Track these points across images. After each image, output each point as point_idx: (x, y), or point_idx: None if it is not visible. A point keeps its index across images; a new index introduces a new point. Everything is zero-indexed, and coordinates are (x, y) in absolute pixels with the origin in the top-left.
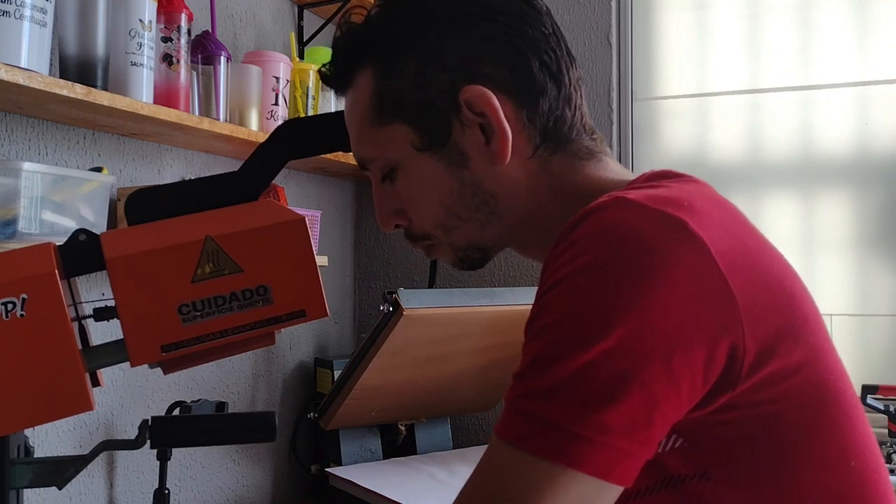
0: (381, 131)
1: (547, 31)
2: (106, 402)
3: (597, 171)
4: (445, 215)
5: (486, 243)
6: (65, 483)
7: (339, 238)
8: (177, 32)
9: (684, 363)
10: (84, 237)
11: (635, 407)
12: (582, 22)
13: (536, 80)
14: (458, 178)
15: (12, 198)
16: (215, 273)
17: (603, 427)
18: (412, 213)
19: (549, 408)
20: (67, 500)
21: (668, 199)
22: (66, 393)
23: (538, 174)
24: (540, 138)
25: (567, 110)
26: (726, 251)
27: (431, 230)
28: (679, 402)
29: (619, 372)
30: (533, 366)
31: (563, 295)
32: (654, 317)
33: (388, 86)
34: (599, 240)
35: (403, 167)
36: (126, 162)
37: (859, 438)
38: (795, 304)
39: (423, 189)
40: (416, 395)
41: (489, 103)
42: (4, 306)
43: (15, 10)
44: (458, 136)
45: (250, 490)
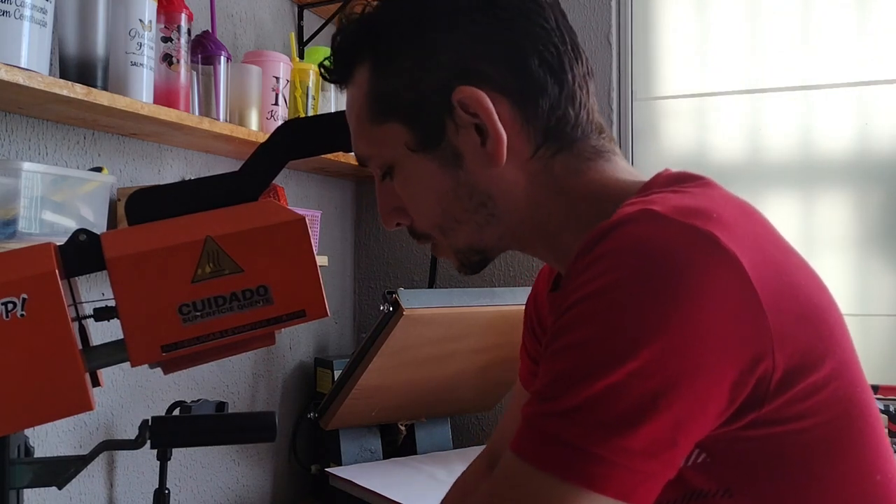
0: (377, 129)
1: (549, 26)
2: (106, 402)
3: (605, 171)
4: (442, 216)
5: (484, 245)
6: (65, 483)
7: (339, 238)
8: (177, 32)
9: (712, 385)
10: (84, 237)
11: (660, 429)
12: (582, 22)
13: (536, 78)
14: (454, 178)
15: (12, 198)
16: (215, 273)
17: (626, 450)
18: (411, 213)
19: (571, 429)
20: (67, 500)
21: (697, 210)
22: (66, 393)
23: (539, 176)
24: (541, 138)
25: (570, 109)
26: (756, 265)
27: (430, 230)
28: (705, 422)
29: (645, 395)
30: (557, 385)
31: (589, 313)
32: (683, 338)
33: (384, 84)
34: (627, 256)
35: (400, 166)
36: (126, 162)
37: (883, 451)
38: (824, 316)
39: (418, 189)
40: (416, 395)
41: (482, 105)
42: (4, 306)
43: (15, 9)
44: (453, 137)
45: (250, 490)
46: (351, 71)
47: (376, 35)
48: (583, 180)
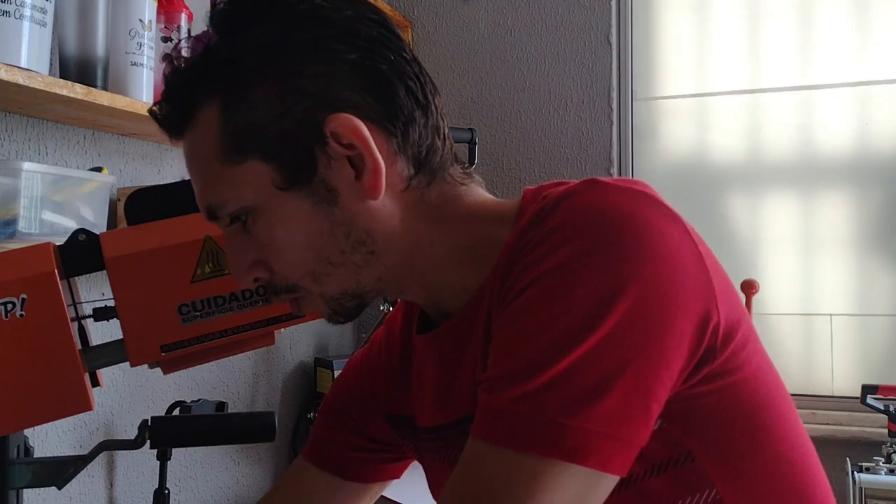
0: (233, 171)
1: (408, 57)
2: (106, 402)
3: (478, 195)
4: (315, 260)
5: (362, 288)
6: (64, 483)
7: None
8: (177, 32)
9: (676, 341)
10: (84, 237)
11: (632, 394)
12: (582, 22)
13: (404, 106)
14: (328, 216)
15: (12, 198)
16: (215, 273)
17: (602, 419)
18: (274, 263)
19: (545, 408)
20: (67, 500)
21: (631, 182)
22: (66, 393)
23: (416, 206)
24: (413, 169)
25: (437, 139)
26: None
27: (298, 280)
28: (671, 382)
29: (614, 362)
30: (529, 367)
31: (551, 289)
32: (646, 299)
33: (239, 119)
34: (581, 225)
35: (262, 210)
36: (126, 162)
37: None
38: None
39: (287, 233)
40: None
41: (358, 133)
42: (4, 306)
43: (15, 9)
44: (325, 171)
45: (250, 490)
46: (192, 113)
47: (224, 71)
48: (461, 204)
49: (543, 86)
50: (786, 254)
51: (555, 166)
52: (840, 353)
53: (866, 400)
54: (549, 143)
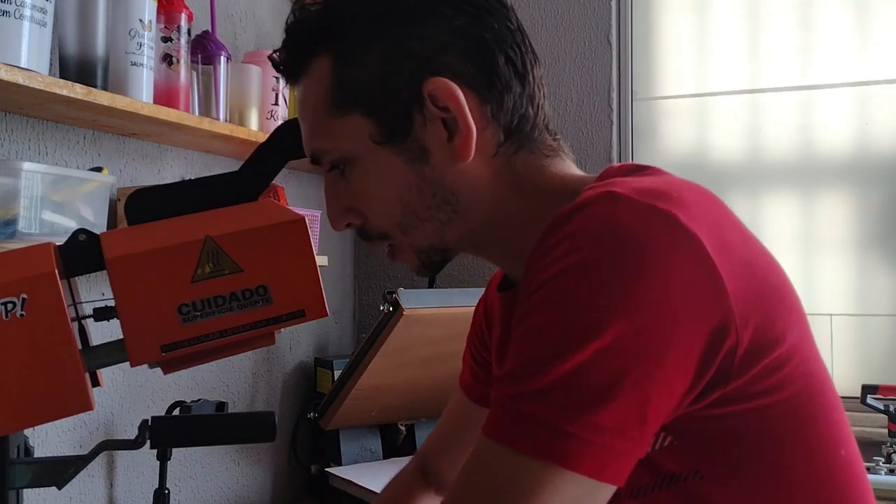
0: (337, 122)
1: (512, 27)
2: (106, 402)
3: (561, 168)
4: (403, 213)
5: (446, 244)
6: (65, 483)
7: (339, 238)
8: (177, 32)
9: (679, 360)
10: (84, 237)
11: (630, 406)
12: (582, 22)
13: (502, 75)
14: (419, 174)
15: (12, 198)
16: (215, 273)
17: (597, 427)
18: (367, 211)
19: (542, 408)
20: (67, 500)
21: (656, 191)
22: (66, 393)
23: (501, 172)
24: (503, 136)
25: (530, 108)
26: (715, 244)
27: (389, 229)
28: (673, 398)
29: (614, 372)
30: (526, 366)
31: (555, 293)
32: (648, 314)
33: (348, 75)
34: (590, 237)
35: (360, 161)
36: (126, 162)
37: (844, 427)
38: (780, 296)
39: (380, 185)
40: (416, 394)
41: (454, 97)
42: (4, 306)
43: (15, 9)
44: (420, 130)
45: (250, 490)
46: (307, 63)
47: (340, 26)
48: (544, 176)
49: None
50: (786, 253)
51: None
52: (840, 353)
53: (866, 400)
54: None
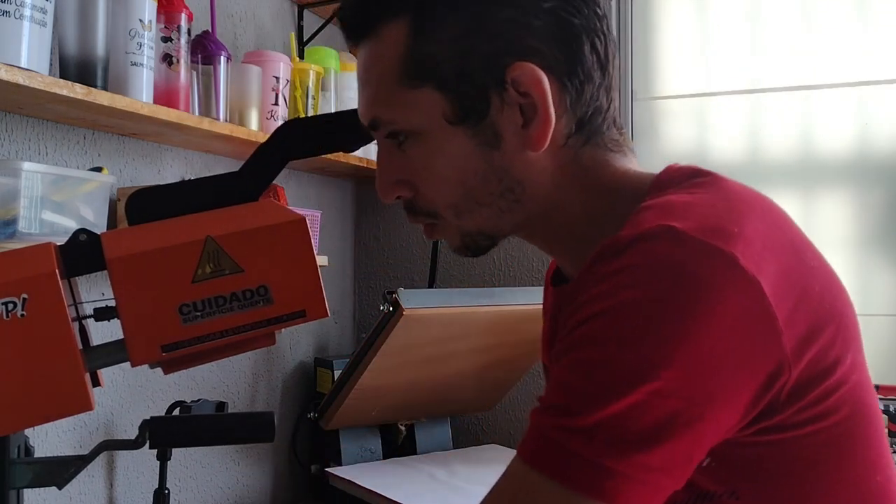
0: (407, 94)
1: (600, 13)
2: (106, 402)
3: (623, 165)
4: (462, 196)
5: (498, 231)
6: (65, 483)
7: (339, 238)
8: (177, 32)
9: (730, 402)
10: (84, 237)
11: (678, 447)
12: None
13: (586, 64)
14: (487, 159)
15: (12, 198)
16: (216, 273)
17: (645, 466)
18: (423, 188)
19: (591, 447)
20: (67, 500)
21: (717, 227)
22: (67, 393)
23: (567, 164)
24: (575, 126)
25: (605, 100)
26: (776, 282)
27: (441, 210)
28: (719, 434)
29: (664, 414)
30: (576, 400)
31: (609, 330)
32: (702, 359)
33: (426, 46)
34: (646, 275)
35: (426, 137)
36: (126, 162)
37: (884, 452)
38: (840, 320)
39: (444, 165)
40: (416, 395)
41: (539, 85)
42: (5, 306)
43: (15, 9)
44: (496, 114)
45: (250, 490)
46: (379, 26)
47: None
48: (607, 172)
49: None
50: None
51: None
52: None
53: None
54: None
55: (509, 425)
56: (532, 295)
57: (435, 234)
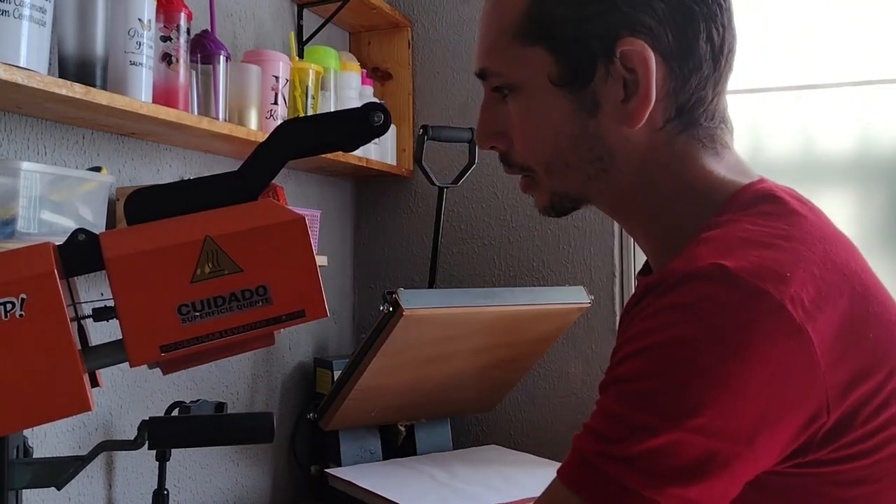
0: (520, 50)
1: (723, 4)
2: (105, 403)
3: (712, 164)
4: (554, 156)
5: (583, 196)
6: (64, 483)
7: (339, 238)
8: (176, 32)
9: (768, 443)
10: (83, 237)
11: (716, 483)
12: None
13: (698, 54)
14: (582, 125)
15: (11, 197)
16: (215, 273)
17: (682, 499)
18: (518, 142)
19: (631, 475)
20: (66, 500)
21: (771, 272)
22: (65, 393)
23: (659, 148)
24: (674, 112)
25: (710, 92)
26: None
27: (533, 165)
28: (756, 471)
29: (704, 451)
30: (619, 428)
31: (655, 363)
32: (745, 401)
33: (546, 7)
34: (697, 315)
35: (529, 94)
36: (125, 161)
37: None
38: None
39: (541, 123)
40: (415, 395)
41: (645, 64)
42: (3, 306)
43: (14, 9)
44: (599, 84)
45: (249, 491)
46: None
47: None
48: (693, 167)
49: None
50: None
51: None
52: None
53: None
54: None
55: (509, 426)
56: (532, 295)
57: (529, 188)
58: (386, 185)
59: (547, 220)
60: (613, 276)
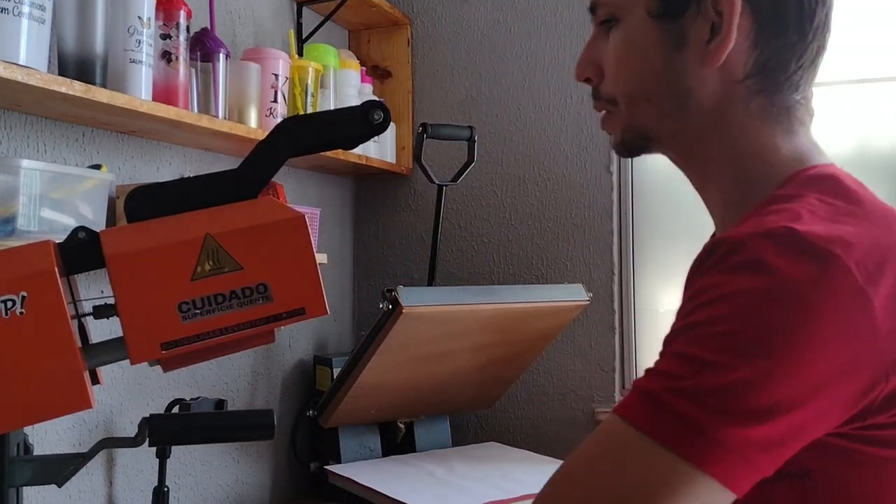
0: None
1: None
2: (105, 400)
3: (785, 136)
4: (637, 86)
5: (655, 134)
6: (65, 481)
7: (339, 236)
8: (176, 29)
9: (830, 399)
10: (84, 235)
11: (777, 430)
12: (581, 18)
13: (785, 17)
14: (667, 60)
15: (11, 195)
16: (215, 271)
17: (745, 440)
18: (608, 72)
19: (697, 410)
20: (66, 497)
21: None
22: (66, 391)
23: (735, 101)
24: (756, 70)
25: (793, 62)
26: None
27: (618, 96)
28: (817, 431)
29: (771, 396)
30: (688, 366)
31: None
32: (811, 353)
33: None
34: (769, 270)
35: (625, 24)
36: (125, 159)
37: None
38: None
39: (630, 52)
40: (415, 392)
41: (731, 5)
42: (4, 304)
43: (13, 7)
44: (689, 21)
45: (250, 487)
46: None
47: None
48: (765, 132)
49: (543, 83)
50: None
51: (555, 164)
52: None
53: None
54: (549, 140)
55: (508, 423)
56: (531, 293)
57: (607, 124)
58: (385, 183)
59: (545, 218)
60: (612, 274)
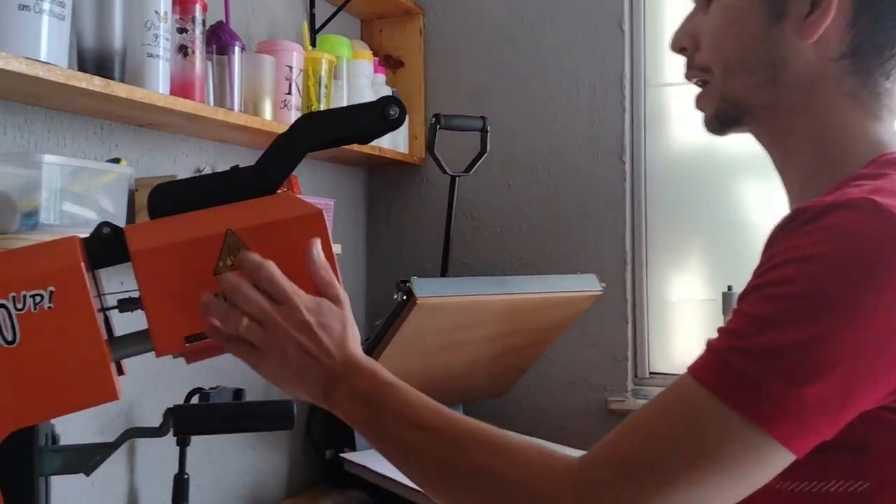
0: None
1: None
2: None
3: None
4: (735, 55)
5: (748, 104)
6: (92, 470)
7: (352, 226)
8: (192, 23)
9: (889, 368)
10: (108, 230)
11: (835, 392)
12: (594, 8)
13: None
14: (766, 29)
15: (33, 189)
16: (236, 265)
17: (801, 400)
18: (704, 41)
19: (756, 368)
20: (90, 485)
21: None
22: (93, 383)
23: (828, 80)
24: (850, 49)
25: (887, 49)
26: None
27: (713, 65)
28: (874, 398)
29: (831, 357)
30: (752, 326)
31: (799, 271)
32: (875, 318)
33: None
34: (842, 236)
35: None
36: (142, 152)
37: None
38: None
39: (729, 21)
40: (428, 382)
41: None
42: (32, 299)
43: (34, 4)
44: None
45: (267, 475)
46: None
47: None
48: (851, 114)
49: (555, 73)
50: None
51: (567, 154)
52: None
53: None
54: (562, 129)
55: (521, 412)
56: (544, 283)
57: (701, 100)
58: (398, 174)
59: (558, 209)
60: (625, 264)
